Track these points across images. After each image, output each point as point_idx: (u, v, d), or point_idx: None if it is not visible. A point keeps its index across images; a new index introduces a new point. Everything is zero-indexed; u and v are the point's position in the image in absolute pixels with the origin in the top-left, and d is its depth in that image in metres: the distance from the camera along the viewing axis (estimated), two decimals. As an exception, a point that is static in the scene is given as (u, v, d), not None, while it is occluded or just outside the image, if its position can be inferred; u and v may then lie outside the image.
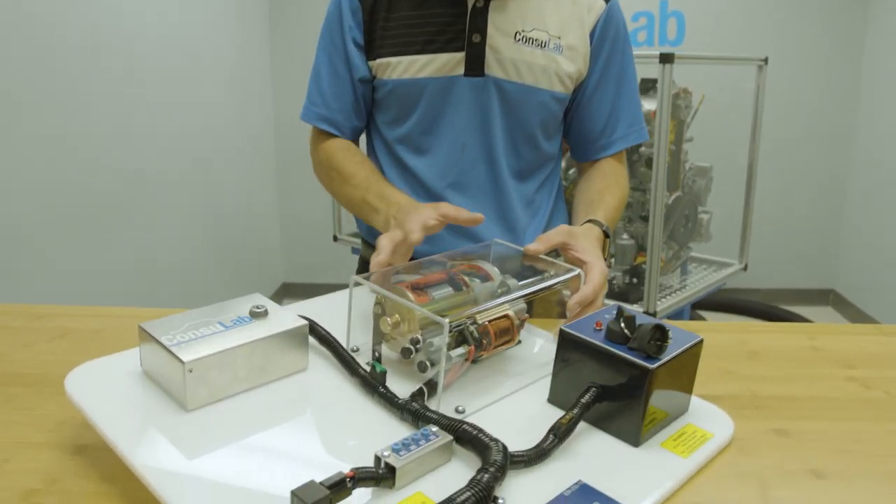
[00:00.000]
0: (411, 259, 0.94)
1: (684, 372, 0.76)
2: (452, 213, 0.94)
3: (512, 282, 0.85)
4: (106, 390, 0.73)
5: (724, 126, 3.41)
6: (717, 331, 1.08)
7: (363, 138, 1.29)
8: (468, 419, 0.73)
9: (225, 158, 3.32)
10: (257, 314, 0.78)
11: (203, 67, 3.10)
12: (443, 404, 0.74)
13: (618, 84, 1.19)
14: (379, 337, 0.81)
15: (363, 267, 1.31)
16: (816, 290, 4.19)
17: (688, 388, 0.78)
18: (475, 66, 1.11)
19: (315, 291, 1.03)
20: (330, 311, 0.85)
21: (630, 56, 1.21)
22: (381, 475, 0.60)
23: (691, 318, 2.72)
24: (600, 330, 0.75)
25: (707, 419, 0.78)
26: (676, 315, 2.31)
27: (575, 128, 1.23)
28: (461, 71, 1.11)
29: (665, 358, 0.70)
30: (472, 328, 0.77)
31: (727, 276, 2.53)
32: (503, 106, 1.13)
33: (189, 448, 0.65)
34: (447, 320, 0.70)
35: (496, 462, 0.61)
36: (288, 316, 0.79)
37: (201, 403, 0.71)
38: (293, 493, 0.56)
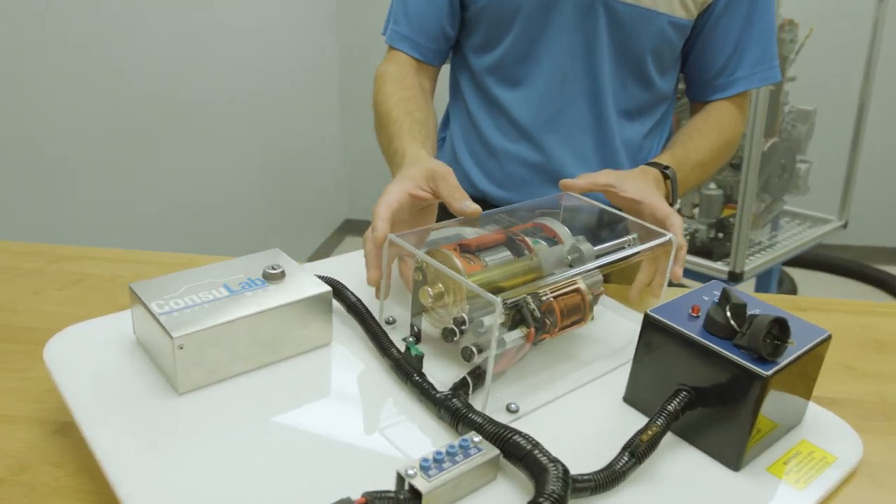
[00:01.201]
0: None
1: (803, 376, 0.59)
2: (446, 192, 0.71)
3: (585, 246, 0.68)
4: (89, 362, 0.62)
5: (832, 64, 3.06)
6: (830, 310, 0.89)
7: (446, 73, 1.12)
8: (522, 421, 0.58)
9: (282, 88, 3.18)
10: (272, 276, 0.65)
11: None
12: (492, 400, 0.60)
13: (749, 10, 0.97)
14: (419, 308, 0.67)
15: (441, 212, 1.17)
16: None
17: (806, 394, 0.61)
18: None
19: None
20: (362, 271, 0.71)
21: None
22: (403, 502, 0.47)
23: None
24: (697, 317, 0.59)
25: (826, 434, 0.61)
26: (765, 276, 2.09)
27: (692, 61, 1.02)
28: None
29: (783, 361, 0.54)
30: (533, 305, 0.62)
31: (824, 233, 2.27)
32: (612, 31, 0.94)
33: (169, 443, 0.53)
34: (499, 299, 0.55)
35: (553, 495, 0.47)
36: (309, 279, 0.66)
37: (195, 386, 0.59)
38: (285, 526, 0.43)
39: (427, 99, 0.98)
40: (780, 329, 0.54)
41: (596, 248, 0.70)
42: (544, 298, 0.62)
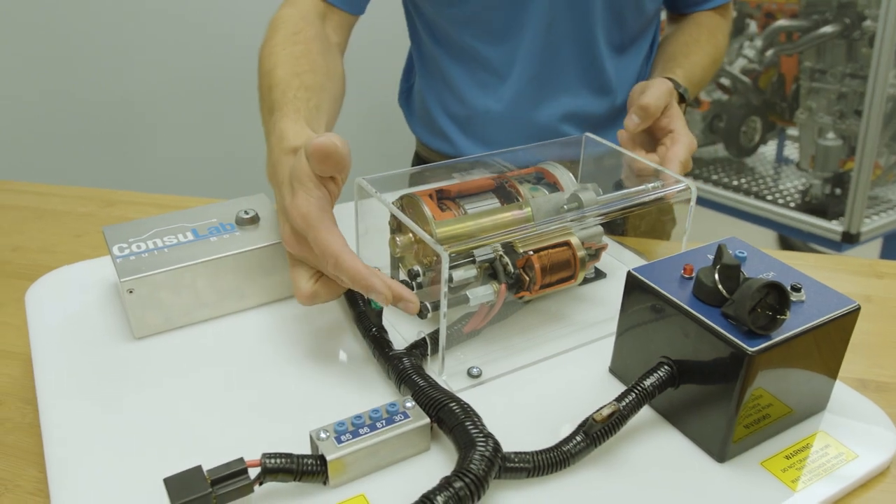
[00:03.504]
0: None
1: (821, 353, 0.49)
2: (312, 157, 0.50)
3: (587, 195, 0.60)
4: (64, 304, 0.62)
5: None
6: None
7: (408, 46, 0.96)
8: (485, 387, 0.53)
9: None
10: (243, 221, 0.62)
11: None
12: (454, 363, 0.54)
13: None
14: (394, 261, 0.62)
15: (419, 163, 1.02)
16: None
17: (830, 373, 0.51)
18: None
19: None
20: (345, 219, 0.66)
21: None
22: (305, 467, 0.43)
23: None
24: (689, 278, 0.50)
25: (854, 425, 0.51)
26: (892, 237, 1.85)
27: None
28: None
29: (778, 337, 0.44)
30: (506, 259, 0.55)
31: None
32: None
33: (110, 385, 0.52)
34: (446, 251, 0.49)
35: (469, 473, 0.41)
36: (281, 226, 0.62)
37: (152, 331, 0.57)
38: (165, 483, 0.40)
39: (330, 57, 0.73)
40: (778, 298, 0.45)
41: (603, 196, 0.61)
42: (521, 251, 0.55)
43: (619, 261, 0.69)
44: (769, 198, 1.88)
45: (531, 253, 0.56)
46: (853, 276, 0.76)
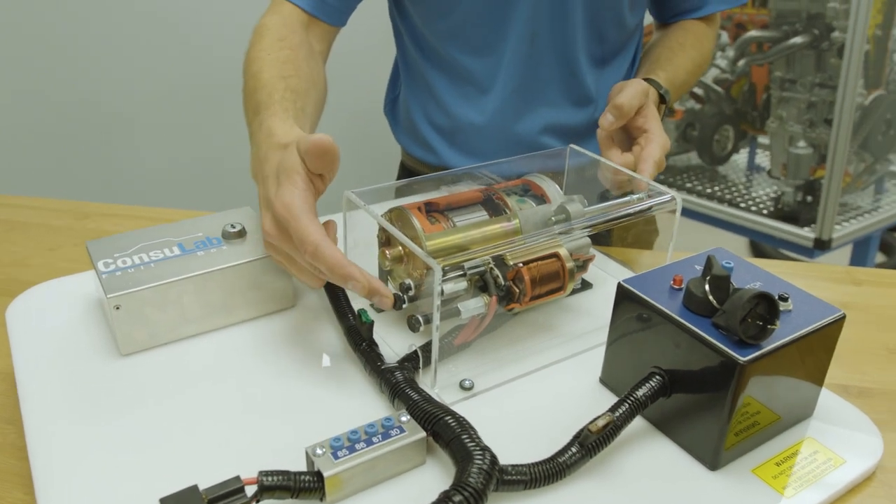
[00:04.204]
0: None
1: (810, 360, 0.50)
2: (308, 153, 0.53)
3: (574, 207, 0.61)
4: (48, 319, 0.61)
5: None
6: (892, 284, 0.77)
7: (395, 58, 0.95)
8: (478, 399, 0.53)
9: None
10: (230, 235, 0.61)
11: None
12: (446, 376, 0.54)
13: None
14: (383, 273, 0.62)
15: (404, 173, 1.02)
16: None
17: (816, 380, 0.52)
18: None
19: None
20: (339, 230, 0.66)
21: None
22: (302, 484, 0.42)
23: (882, 245, 2.25)
24: (679, 289, 0.50)
25: (840, 430, 0.52)
26: (862, 244, 1.89)
27: None
28: None
29: (769, 346, 0.45)
30: (496, 272, 0.55)
31: (937, 197, 2.03)
32: None
33: (97, 405, 0.51)
34: (439, 265, 0.49)
35: (468, 487, 0.41)
36: (269, 239, 0.62)
37: (138, 347, 0.57)
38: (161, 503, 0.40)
39: (314, 64, 0.74)
40: (767, 308, 0.46)
41: (590, 207, 0.62)
42: (511, 263, 0.56)
43: (604, 271, 0.70)
44: (742, 205, 1.92)
45: (521, 265, 0.56)
46: (831, 284, 0.77)
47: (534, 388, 0.55)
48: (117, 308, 0.54)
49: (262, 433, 0.49)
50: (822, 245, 1.69)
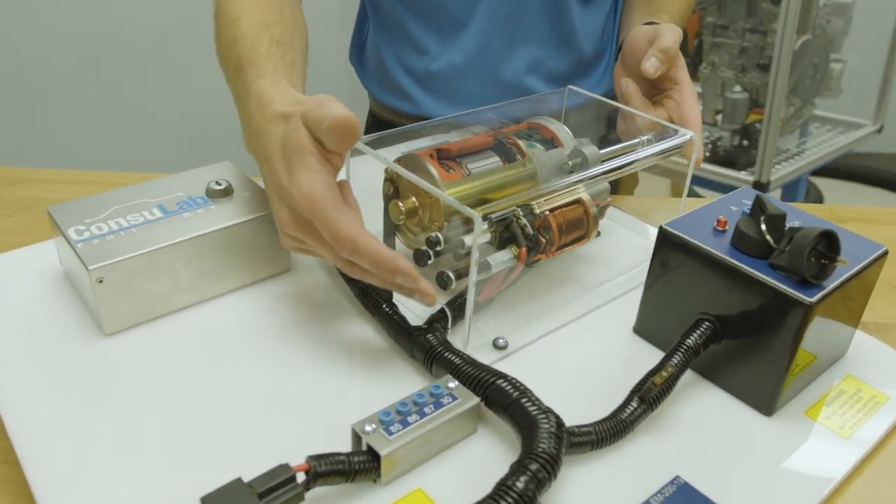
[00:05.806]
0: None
1: (852, 300, 0.49)
2: (330, 131, 0.44)
3: (590, 149, 0.57)
4: (11, 296, 0.53)
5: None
6: (873, 220, 0.78)
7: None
8: (511, 359, 0.49)
9: None
10: (216, 193, 0.55)
11: None
12: (475, 335, 0.50)
13: None
14: (391, 227, 0.57)
15: (374, 124, 0.93)
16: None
17: (853, 321, 0.51)
18: None
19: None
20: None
21: None
22: (358, 467, 0.38)
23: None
24: (724, 231, 0.48)
25: (875, 368, 0.51)
26: (791, 186, 1.95)
27: None
28: None
29: (830, 285, 0.43)
30: (524, 220, 0.51)
31: (856, 140, 2.11)
32: None
33: (85, 392, 0.44)
34: (479, 214, 0.45)
35: (543, 454, 0.38)
36: (259, 195, 0.55)
37: (125, 325, 0.50)
38: (203, 502, 0.34)
39: (294, 4, 0.67)
40: (827, 244, 0.44)
41: (603, 150, 0.59)
42: (538, 212, 0.52)
43: (609, 219, 0.67)
44: (679, 152, 1.94)
45: (547, 212, 0.52)
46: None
47: (567, 344, 0.51)
48: (100, 281, 0.47)
49: (277, 414, 0.44)
50: (761, 187, 1.73)
